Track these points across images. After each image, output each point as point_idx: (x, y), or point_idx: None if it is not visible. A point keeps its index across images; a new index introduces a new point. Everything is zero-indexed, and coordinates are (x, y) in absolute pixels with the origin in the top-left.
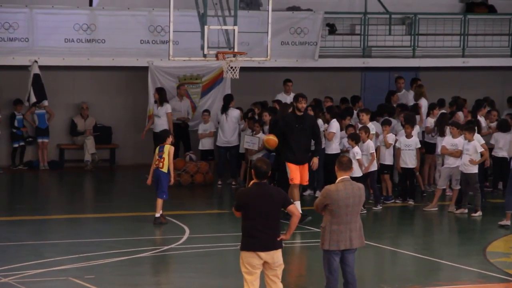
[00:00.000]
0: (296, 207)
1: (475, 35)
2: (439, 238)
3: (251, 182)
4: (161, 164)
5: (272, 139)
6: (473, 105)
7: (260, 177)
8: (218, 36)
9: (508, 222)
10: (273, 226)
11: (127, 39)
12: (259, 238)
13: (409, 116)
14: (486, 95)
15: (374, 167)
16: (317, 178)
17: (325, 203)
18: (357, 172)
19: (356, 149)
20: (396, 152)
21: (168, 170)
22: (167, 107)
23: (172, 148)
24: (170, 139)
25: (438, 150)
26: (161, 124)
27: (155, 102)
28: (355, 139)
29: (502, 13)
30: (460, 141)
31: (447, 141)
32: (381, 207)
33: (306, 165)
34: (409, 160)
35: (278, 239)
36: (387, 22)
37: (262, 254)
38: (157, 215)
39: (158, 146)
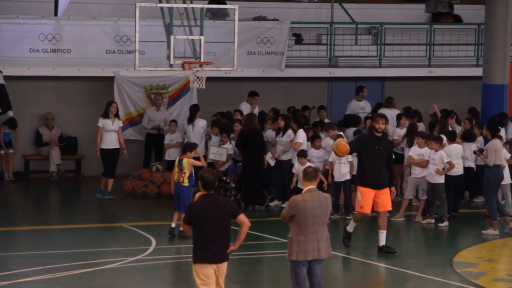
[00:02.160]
0: (245, 217)
1: (441, 45)
2: (406, 248)
3: (197, 195)
4: (181, 178)
5: (344, 145)
6: (441, 115)
7: (207, 188)
8: (184, 46)
9: (496, 232)
10: (225, 238)
11: (92, 49)
12: (213, 250)
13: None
14: (452, 105)
15: (348, 175)
16: (287, 188)
17: (292, 213)
18: (346, 175)
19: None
20: None
21: (190, 183)
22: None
23: (191, 160)
24: (191, 153)
25: (406, 160)
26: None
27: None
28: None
29: (467, 23)
30: (426, 151)
31: (414, 151)
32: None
33: (387, 190)
34: None
35: (228, 250)
36: (353, 32)
37: (213, 265)
38: (173, 225)
39: (177, 159)
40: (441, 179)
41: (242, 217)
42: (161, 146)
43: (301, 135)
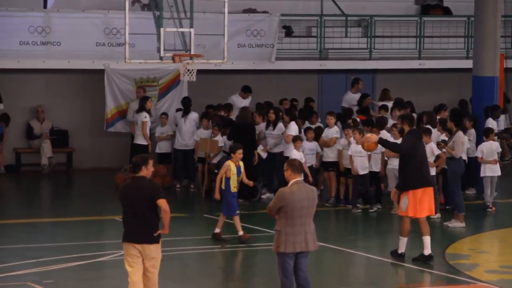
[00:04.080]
0: (166, 202)
1: (431, 37)
2: (397, 240)
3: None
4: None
5: (374, 141)
6: (435, 107)
7: (134, 171)
8: (174, 38)
9: (462, 224)
10: (144, 219)
11: (82, 42)
12: (132, 230)
13: (378, 119)
14: (443, 97)
15: (367, 169)
16: (279, 180)
17: (279, 205)
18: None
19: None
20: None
21: (227, 186)
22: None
23: (227, 164)
24: (234, 155)
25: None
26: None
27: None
28: (363, 133)
29: (457, 15)
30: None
31: None
32: (375, 210)
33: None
34: (374, 164)
35: (155, 234)
36: (343, 24)
37: (137, 245)
38: (241, 233)
39: (233, 165)
40: (432, 172)
41: (160, 202)
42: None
43: (293, 128)
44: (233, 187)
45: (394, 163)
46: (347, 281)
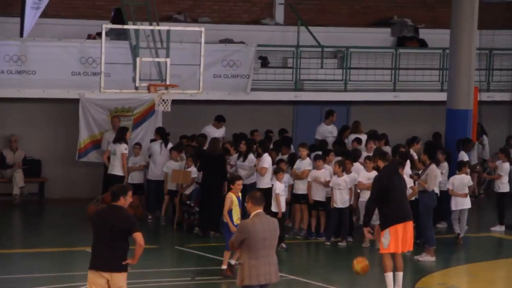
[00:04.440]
0: (141, 236)
1: (406, 69)
2: (370, 274)
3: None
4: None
5: (366, 265)
6: (407, 140)
7: (112, 199)
8: (150, 68)
9: (433, 258)
10: (115, 248)
11: (58, 71)
12: (101, 257)
13: (351, 152)
14: (417, 130)
15: (348, 202)
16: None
17: (242, 238)
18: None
19: (346, 177)
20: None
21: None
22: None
23: (229, 196)
24: (234, 186)
25: None
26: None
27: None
28: (342, 166)
29: (432, 47)
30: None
31: (363, 176)
32: (345, 244)
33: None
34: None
35: (124, 262)
36: (319, 56)
37: (105, 274)
38: (224, 267)
39: (235, 197)
40: None
41: (136, 236)
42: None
43: (267, 160)
44: (236, 219)
45: (366, 195)
46: None
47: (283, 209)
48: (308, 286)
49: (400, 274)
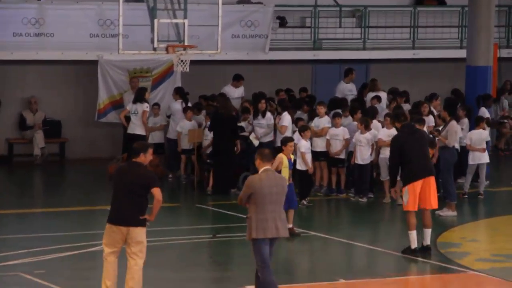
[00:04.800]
0: (160, 191)
1: (425, 27)
2: (391, 230)
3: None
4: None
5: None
6: (426, 97)
7: (133, 156)
8: (168, 29)
9: (454, 213)
10: (134, 203)
11: (76, 33)
12: (120, 212)
13: (368, 109)
14: (436, 87)
15: (369, 159)
16: None
17: (249, 193)
18: (368, 159)
19: (368, 135)
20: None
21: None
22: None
23: (280, 157)
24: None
25: None
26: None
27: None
28: (365, 123)
29: (451, 5)
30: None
31: (383, 133)
32: (366, 200)
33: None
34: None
35: (141, 217)
36: (337, 15)
37: (123, 228)
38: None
39: (285, 158)
40: None
41: (155, 191)
42: None
43: (286, 118)
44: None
45: (386, 152)
46: (339, 270)
47: (310, 165)
48: (329, 242)
49: (428, 231)
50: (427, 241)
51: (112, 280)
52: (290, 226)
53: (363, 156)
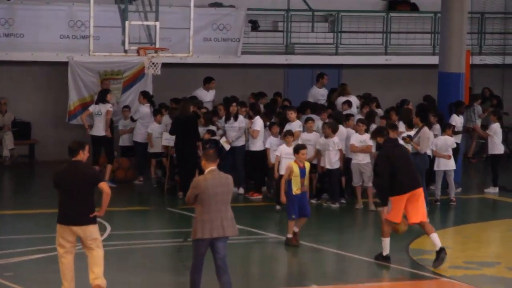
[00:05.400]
0: (107, 185)
1: (397, 32)
2: (363, 235)
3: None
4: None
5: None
6: (397, 103)
7: (70, 155)
8: (139, 31)
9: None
10: (84, 202)
11: (46, 34)
12: (70, 212)
13: (336, 115)
14: (408, 93)
15: (338, 164)
16: (238, 175)
17: (195, 193)
18: (336, 163)
19: (336, 139)
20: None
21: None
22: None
23: (289, 167)
24: (298, 155)
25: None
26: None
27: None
28: (333, 128)
29: (424, 11)
30: (368, 136)
31: (355, 138)
32: (338, 205)
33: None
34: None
35: (91, 215)
36: (310, 19)
37: (74, 228)
38: (289, 235)
39: (298, 167)
40: None
41: (103, 185)
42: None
43: (258, 122)
44: (296, 189)
45: (358, 157)
46: (312, 275)
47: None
48: (302, 247)
49: (433, 236)
50: (438, 245)
51: (69, 280)
52: (297, 230)
53: (331, 160)
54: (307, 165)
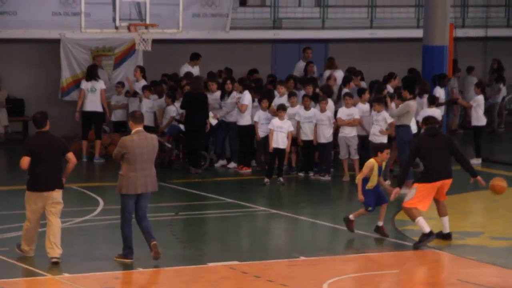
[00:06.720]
0: (73, 154)
1: (382, 6)
2: (349, 207)
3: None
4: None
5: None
6: (384, 76)
7: (38, 126)
8: (130, 8)
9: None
10: (55, 169)
11: (38, 11)
12: (43, 179)
13: (325, 88)
14: (394, 66)
15: (331, 138)
16: (232, 149)
17: (122, 152)
18: (330, 137)
19: (328, 113)
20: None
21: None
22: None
23: (370, 165)
24: (381, 154)
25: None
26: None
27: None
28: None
29: None
30: (355, 110)
31: (342, 112)
32: (329, 178)
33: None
34: (311, 133)
35: (63, 179)
36: None
37: (45, 193)
38: (380, 223)
39: (377, 165)
40: (384, 139)
41: (70, 155)
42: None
43: (247, 97)
44: (370, 185)
45: (345, 131)
46: (299, 247)
47: (284, 145)
48: (290, 220)
49: (444, 219)
50: (447, 229)
51: (33, 246)
52: (381, 224)
53: (326, 134)
54: (384, 164)
